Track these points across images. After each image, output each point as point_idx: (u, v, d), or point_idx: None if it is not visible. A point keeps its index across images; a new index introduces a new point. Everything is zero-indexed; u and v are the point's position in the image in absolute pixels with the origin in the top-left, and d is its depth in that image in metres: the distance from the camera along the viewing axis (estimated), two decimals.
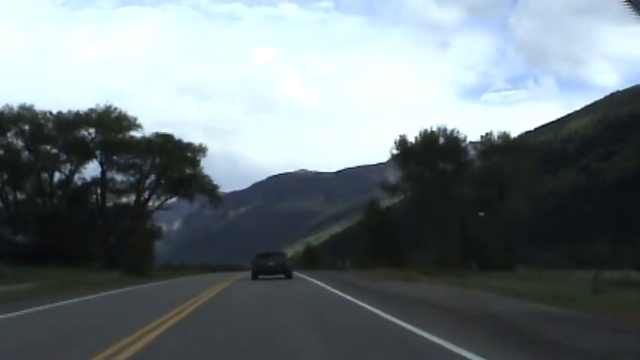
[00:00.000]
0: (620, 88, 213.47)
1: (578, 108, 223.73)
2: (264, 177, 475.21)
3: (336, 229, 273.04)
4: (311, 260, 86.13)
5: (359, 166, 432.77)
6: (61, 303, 21.10)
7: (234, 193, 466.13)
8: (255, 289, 28.97)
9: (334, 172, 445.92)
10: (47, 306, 19.77)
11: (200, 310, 17.55)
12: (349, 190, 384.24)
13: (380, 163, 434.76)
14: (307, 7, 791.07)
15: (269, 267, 40.26)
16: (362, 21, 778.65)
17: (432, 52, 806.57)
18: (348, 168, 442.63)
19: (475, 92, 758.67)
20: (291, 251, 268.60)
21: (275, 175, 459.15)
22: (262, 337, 11.04)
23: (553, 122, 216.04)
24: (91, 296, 25.18)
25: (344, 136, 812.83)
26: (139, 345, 10.12)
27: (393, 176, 73.67)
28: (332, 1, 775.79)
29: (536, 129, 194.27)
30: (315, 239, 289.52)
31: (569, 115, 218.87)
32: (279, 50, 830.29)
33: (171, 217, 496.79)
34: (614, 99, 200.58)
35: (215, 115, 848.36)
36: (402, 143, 67.51)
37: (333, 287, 28.46)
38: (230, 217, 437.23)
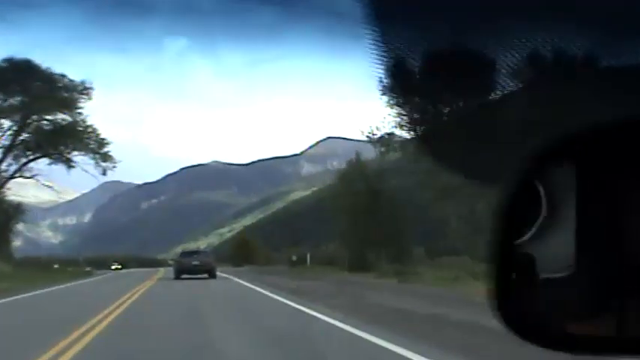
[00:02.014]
0: None
1: None
2: (176, 168, 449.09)
3: (250, 220, 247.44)
4: (245, 254, 58.10)
5: (271, 158, 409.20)
6: None
7: (146, 185, 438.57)
8: None
9: (246, 164, 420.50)
10: None
11: None
12: (262, 182, 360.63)
13: (293, 155, 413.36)
14: None
15: (193, 266, 35.00)
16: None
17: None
18: (261, 160, 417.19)
19: None
20: (205, 243, 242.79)
21: (187, 167, 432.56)
22: None
23: None
24: None
25: (256, 127, 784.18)
26: None
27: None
28: None
29: None
30: (228, 231, 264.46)
31: None
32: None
33: (83, 208, 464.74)
34: None
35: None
36: None
37: None
38: (142, 209, 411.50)
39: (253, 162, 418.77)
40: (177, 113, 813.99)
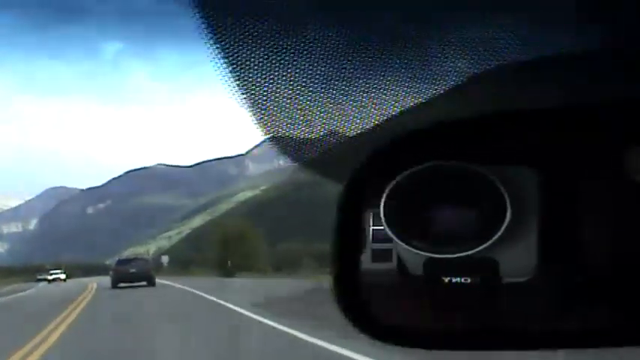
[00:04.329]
0: None
1: None
2: (120, 172, 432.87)
3: (199, 221, 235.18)
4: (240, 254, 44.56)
5: (216, 159, 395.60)
6: None
7: (91, 190, 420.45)
8: None
9: (191, 166, 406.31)
10: None
11: None
12: (208, 184, 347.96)
13: (238, 155, 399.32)
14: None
15: (131, 274, 33.88)
16: None
17: None
18: (205, 161, 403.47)
19: None
20: (154, 247, 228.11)
21: (131, 170, 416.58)
22: None
23: None
24: None
25: (199, 129, 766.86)
26: None
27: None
28: None
29: None
30: (177, 233, 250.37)
31: None
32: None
33: (27, 215, 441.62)
34: None
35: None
36: None
37: None
38: (88, 214, 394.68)
39: (198, 163, 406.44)
40: (118, 117, 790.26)
